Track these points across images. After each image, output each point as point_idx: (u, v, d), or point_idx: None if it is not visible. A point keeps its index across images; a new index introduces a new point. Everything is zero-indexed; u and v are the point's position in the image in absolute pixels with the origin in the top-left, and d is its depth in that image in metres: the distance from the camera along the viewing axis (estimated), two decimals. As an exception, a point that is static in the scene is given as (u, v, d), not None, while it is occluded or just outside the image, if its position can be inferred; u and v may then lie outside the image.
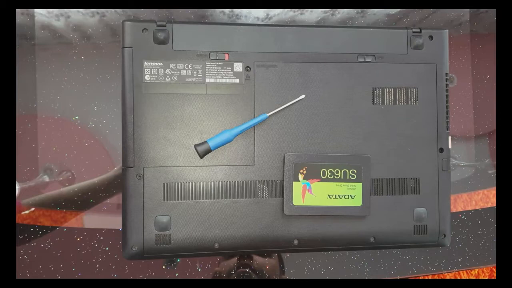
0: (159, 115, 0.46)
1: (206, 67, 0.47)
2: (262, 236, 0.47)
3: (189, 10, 0.57)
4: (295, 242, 0.48)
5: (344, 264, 0.58)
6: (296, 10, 0.60)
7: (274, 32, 0.48)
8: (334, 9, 0.60)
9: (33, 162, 0.54)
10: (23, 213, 0.54)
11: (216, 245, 0.47)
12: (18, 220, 0.53)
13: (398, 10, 0.62)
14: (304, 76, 0.48)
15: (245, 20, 0.59)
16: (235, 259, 0.56)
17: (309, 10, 0.60)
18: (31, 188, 0.54)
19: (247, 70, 0.47)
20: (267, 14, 0.59)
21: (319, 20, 0.60)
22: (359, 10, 0.61)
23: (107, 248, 0.54)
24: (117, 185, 0.55)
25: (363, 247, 0.49)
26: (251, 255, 0.56)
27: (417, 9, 0.62)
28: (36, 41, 0.55)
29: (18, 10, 0.54)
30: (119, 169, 0.55)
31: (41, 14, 0.55)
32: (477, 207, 0.63)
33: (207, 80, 0.47)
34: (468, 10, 0.64)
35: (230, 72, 0.47)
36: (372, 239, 0.49)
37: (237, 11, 0.58)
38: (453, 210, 0.62)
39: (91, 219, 0.55)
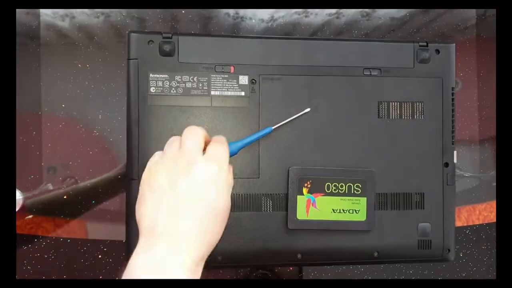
0: (164, 127, 0.46)
1: (212, 80, 0.47)
2: (265, 250, 0.47)
3: (194, 11, 0.57)
4: (299, 256, 0.48)
5: (347, 278, 0.58)
6: (300, 12, 0.59)
7: (280, 45, 0.48)
8: (339, 12, 0.60)
9: (37, 169, 0.54)
10: (26, 218, 0.54)
11: (219, 258, 0.46)
12: (21, 226, 0.53)
13: (403, 13, 0.62)
14: (310, 89, 0.48)
15: (250, 22, 0.59)
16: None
17: (314, 13, 0.60)
18: (35, 196, 0.54)
19: (253, 83, 0.47)
20: (272, 16, 0.59)
21: (324, 22, 0.60)
22: (364, 13, 0.61)
23: (110, 260, 0.54)
24: (117, 184, 0.55)
25: (367, 261, 0.49)
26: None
27: (423, 13, 0.62)
28: (41, 48, 0.55)
29: (22, 11, 0.54)
30: (120, 168, 0.55)
31: (46, 14, 0.55)
32: (480, 217, 0.63)
33: (213, 92, 0.47)
34: (474, 14, 0.64)
35: (235, 85, 0.47)
36: (376, 254, 0.49)
37: (241, 12, 0.58)
38: (457, 221, 0.62)
39: (95, 228, 0.55)
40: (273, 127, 0.47)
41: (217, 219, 0.35)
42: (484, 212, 0.63)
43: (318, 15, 0.60)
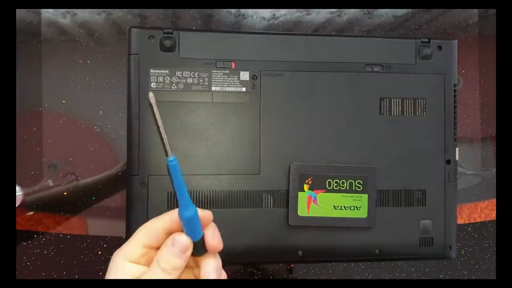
0: (164, 123, 0.45)
1: (213, 75, 0.47)
2: (266, 247, 0.47)
3: (194, 10, 0.57)
4: (300, 253, 0.47)
5: (348, 276, 0.58)
6: (302, 10, 0.59)
7: (281, 41, 0.48)
8: (340, 10, 0.60)
9: (37, 166, 0.54)
10: (27, 214, 0.54)
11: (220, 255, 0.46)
12: (21, 222, 0.53)
13: (405, 11, 0.61)
14: (311, 85, 0.48)
15: (252, 20, 0.58)
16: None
17: (316, 10, 0.59)
18: (35, 193, 0.54)
19: (254, 78, 0.47)
20: (274, 14, 0.59)
21: (326, 21, 0.60)
22: (366, 11, 0.60)
23: (110, 256, 0.54)
24: (118, 182, 0.55)
25: (368, 258, 0.49)
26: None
27: (424, 11, 0.62)
28: (42, 44, 0.55)
29: (23, 10, 0.54)
30: (121, 166, 0.55)
31: (48, 12, 0.55)
32: (482, 215, 0.63)
33: (213, 88, 0.47)
34: (476, 12, 0.64)
35: (236, 81, 0.47)
36: (377, 251, 0.48)
37: (243, 10, 0.58)
38: (459, 219, 0.62)
39: (95, 224, 0.55)
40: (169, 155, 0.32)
41: None
42: (486, 210, 0.63)
43: (320, 13, 0.60)
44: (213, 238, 0.34)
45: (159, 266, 0.32)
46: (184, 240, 0.32)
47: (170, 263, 0.32)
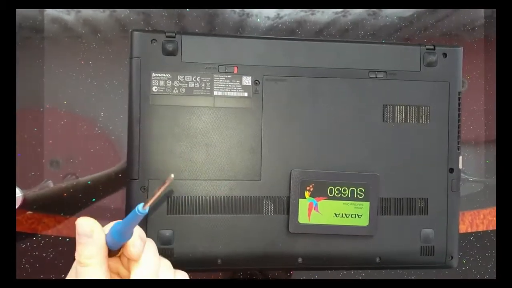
0: (165, 127, 0.45)
1: (215, 80, 0.46)
2: (266, 253, 0.47)
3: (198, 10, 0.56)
4: (300, 260, 0.47)
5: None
6: (307, 10, 0.59)
7: (284, 46, 0.47)
8: (345, 11, 0.59)
9: (38, 166, 0.54)
10: (27, 213, 0.53)
11: (219, 261, 0.46)
12: (21, 220, 0.53)
13: (411, 13, 0.61)
14: (314, 91, 0.47)
15: (255, 19, 0.58)
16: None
17: (320, 10, 0.59)
18: (35, 193, 0.54)
19: (256, 83, 0.47)
20: (278, 14, 0.58)
21: (330, 21, 0.59)
22: (371, 12, 0.60)
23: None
24: (118, 182, 0.54)
25: (369, 267, 0.49)
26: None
27: (430, 13, 0.61)
28: (44, 44, 0.54)
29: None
30: (121, 165, 0.55)
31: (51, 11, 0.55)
32: (484, 221, 0.62)
33: (215, 93, 0.46)
34: (482, 15, 0.63)
35: (238, 86, 0.47)
36: (378, 259, 0.48)
37: (247, 10, 0.58)
38: (461, 225, 0.61)
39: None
40: (145, 207, 0.32)
41: None
42: (488, 216, 0.62)
43: (324, 13, 0.59)
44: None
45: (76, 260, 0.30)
46: (83, 224, 0.30)
47: (78, 253, 0.30)
